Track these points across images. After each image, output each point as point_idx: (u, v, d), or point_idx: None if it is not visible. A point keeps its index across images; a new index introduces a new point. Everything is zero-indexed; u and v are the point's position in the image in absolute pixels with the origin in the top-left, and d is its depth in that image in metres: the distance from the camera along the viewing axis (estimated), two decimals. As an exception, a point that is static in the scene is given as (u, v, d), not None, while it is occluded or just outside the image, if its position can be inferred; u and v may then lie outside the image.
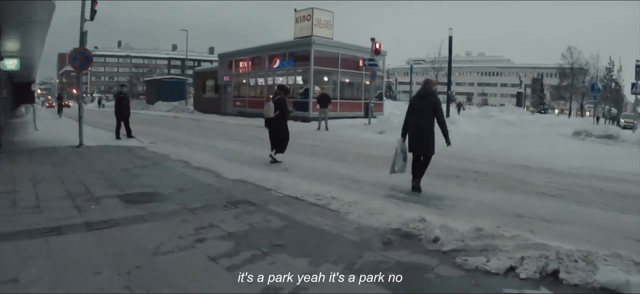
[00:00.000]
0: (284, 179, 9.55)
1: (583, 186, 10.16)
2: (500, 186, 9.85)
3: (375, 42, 26.89)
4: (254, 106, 36.60)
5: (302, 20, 33.61)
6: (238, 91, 40.79)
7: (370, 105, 27.30)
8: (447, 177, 10.61)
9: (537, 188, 9.72)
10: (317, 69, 31.74)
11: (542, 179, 10.84)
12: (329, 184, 9.34)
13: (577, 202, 8.49)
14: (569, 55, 77.99)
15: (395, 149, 9.30)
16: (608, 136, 25.04)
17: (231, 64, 41.23)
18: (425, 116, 8.93)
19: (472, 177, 10.82)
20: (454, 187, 9.54)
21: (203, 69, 55.60)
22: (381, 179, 10.06)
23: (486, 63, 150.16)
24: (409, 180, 9.19)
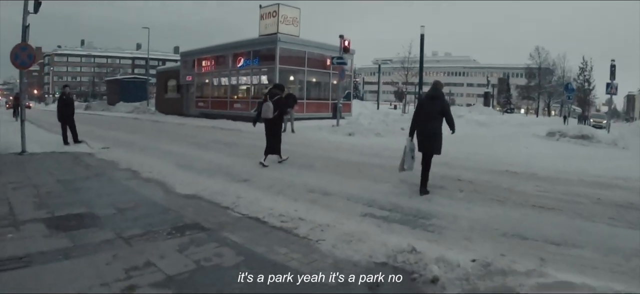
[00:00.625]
0: (243, 192, 8.35)
1: (577, 194, 9.44)
2: (490, 198, 8.88)
3: (344, 39, 25.62)
4: (217, 107, 35.52)
5: (267, 17, 32.29)
6: (201, 91, 39.27)
7: (339, 105, 26.07)
8: (431, 187, 9.46)
9: (530, 199, 8.85)
10: (283, 68, 30.51)
11: (532, 187, 10.07)
12: (295, 199, 8.17)
13: (580, 216, 7.66)
14: (537, 56, 78.88)
15: (404, 147, 9.61)
16: (583, 136, 24.79)
17: (194, 63, 39.62)
18: (435, 117, 9.12)
19: (457, 187, 9.85)
20: (440, 200, 8.47)
21: (165, 68, 53.68)
22: (355, 191, 8.98)
23: (452, 63, 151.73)
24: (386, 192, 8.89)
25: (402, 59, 54.02)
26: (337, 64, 25.81)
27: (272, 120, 12.25)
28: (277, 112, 12.23)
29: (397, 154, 15.20)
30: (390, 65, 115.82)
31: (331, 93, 33.27)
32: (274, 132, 12.43)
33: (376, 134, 21.68)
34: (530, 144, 21.10)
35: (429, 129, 9.14)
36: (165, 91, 45.97)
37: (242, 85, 34.39)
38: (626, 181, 11.22)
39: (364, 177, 10.62)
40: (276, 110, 12.18)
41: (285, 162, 12.61)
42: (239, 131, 24.02)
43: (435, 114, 9.09)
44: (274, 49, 30.16)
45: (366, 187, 9.22)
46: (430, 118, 9.11)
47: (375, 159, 13.96)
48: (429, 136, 9.15)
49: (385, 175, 10.97)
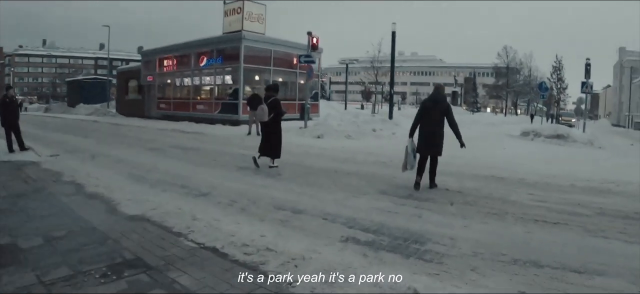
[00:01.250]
0: (201, 211, 7.11)
1: (576, 203, 8.76)
2: (486, 211, 7.94)
3: (312, 36, 24.39)
4: (180, 108, 34.04)
5: (231, 14, 30.89)
6: (163, 92, 37.48)
7: (307, 106, 24.87)
8: (418, 200, 8.61)
9: (528, 211, 8.02)
10: (248, 67, 29.23)
11: (525, 196, 9.30)
12: (261, 218, 6.98)
13: (588, 232, 6.87)
14: (505, 55, 79.40)
15: (406, 147, 9.97)
16: (558, 136, 24.57)
17: (155, 63, 37.81)
18: (438, 121, 9.66)
19: (446, 198, 8.88)
20: (430, 217, 7.44)
21: (126, 68, 51.66)
22: (331, 207, 7.86)
23: (419, 62, 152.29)
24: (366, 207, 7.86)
25: (372, 57, 53.17)
26: (305, 62, 24.59)
27: (269, 122, 12.04)
28: (273, 115, 12.02)
29: (371, 158, 14.66)
30: (357, 65, 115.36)
31: (298, 93, 32.17)
32: (272, 134, 12.19)
33: (347, 136, 20.69)
34: (506, 145, 20.73)
35: (433, 133, 9.67)
36: (126, 92, 44.02)
37: (206, 85, 32.83)
38: (618, 186, 10.90)
39: (339, 189, 9.51)
40: (271, 112, 11.98)
41: (249, 171, 11.48)
42: (202, 135, 22.73)
43: (439, 118, 9.66)
44: (239, 48, 28.74)
45: (343, 202, 8.15)
46: (434, 122, 9.65)
47: (349, 166, 12.92)
48: (434, 141, 9.71)
49: (362, 185, 9.95)
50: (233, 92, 29.34)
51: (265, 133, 12.35)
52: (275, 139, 12.19)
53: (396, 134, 22.26)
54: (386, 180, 10.78)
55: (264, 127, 12.33)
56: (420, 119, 9.88)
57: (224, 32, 31.29)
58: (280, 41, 31.25)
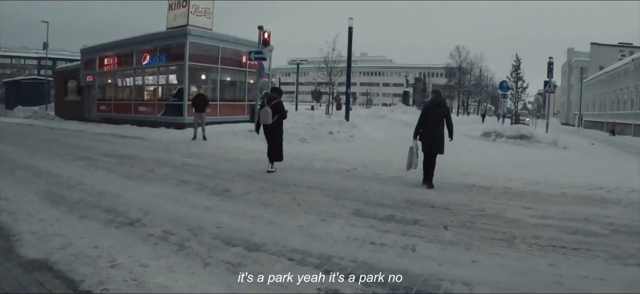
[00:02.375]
0: (123, 253, 5.32)
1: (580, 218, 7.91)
2: (489, 236, 6.58)
3: (264, 30, 22.48)
4: (121, 110, 31.22)
5: (176, 8, 28.34)
6: (103, 93, 34.49)
7: (257, 107, 23.02)
8: (403, 223, 7.14)
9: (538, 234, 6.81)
10: (194, 66, 26.82)
11: (523, 212, 8.18)
12: (204, 263, 5.18)
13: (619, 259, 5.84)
14: (457, 55, 79.55)
15: (410, 148, 10.77)
16: (521, 136, 24.33)
17: (95, 62, 34.73)
18: (439, 122, 10.51)
19: (437, 219, 7.42)
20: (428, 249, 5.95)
21: (65, 67, 48.25)
22: (296, 238, 6.16)
23: (369, 63, 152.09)
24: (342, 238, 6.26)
25: (325, 55, 51.61)
26: (255, 59, 22.72)
27: (272, 125, 11.87)
28: (276, 116, 11.90)
29: (332, 166, 13.10)
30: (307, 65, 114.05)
31: (247, 94, 30.06)
32: (276, 137, 12.09)
33: (301, 140, 19.12)
34: (471, 147, 20.02)
35: (436, 132, 10.47)
36: (66, 93, 40.93)
37: (149, 86, 30.42)
38: (608, 192, 10.76)
39: (302, 210, 7.78)
40: (275, 115, 11.85)
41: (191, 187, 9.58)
42: (142, 140, 20.44)
43: (440, 119, 10.56)
44: (184, 44, 26.35)
45: (311, 230, 6.51)
46: (436, 123, 10.51)
47: (308, 177, 11.29)
48: (436, 138, 10.47)
49: (330, 204, 8.27)
50: (177, 92, 27.06)
51: (269, 136, 12.15)
52: (279, 142, 12.19)
53: (354, 137, 20.86)
54: (356, 195, 9.20)
55: (268, 129, 12.04)
56: (423, 121, 10.67)
57: (168, 27, 28.72)
58: (229, 38, 29.04)
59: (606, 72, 64.03)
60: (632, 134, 46.09)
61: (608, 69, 63.82)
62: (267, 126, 11.96)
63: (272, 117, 11.83)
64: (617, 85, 56.15)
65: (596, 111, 69.01)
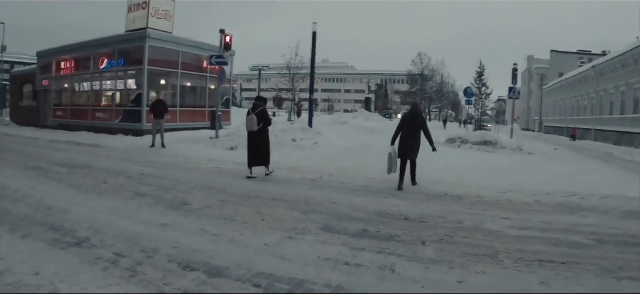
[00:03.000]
0: (67, 280, 4.70)
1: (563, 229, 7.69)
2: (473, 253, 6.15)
3: (226, 34, 21.76)
4: (78, 116, 29.78)
5: (136, 10, 27.21)
6: (60, 98, 32.95)
7: (218, 114, 22.27)
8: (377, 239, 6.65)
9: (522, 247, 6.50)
10: (153, 70, 25.75)
11: (503, 224, 7.89)
12: (159, 291, 4.59)
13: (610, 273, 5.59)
14: (420, 62, 79.97)
15: (389, 154, 11.51)
16: (486, 142, 24.37)
17: (52, 66, 33.13)
18: (416, 132, 11.54)
19: (413, 234, 6.97)
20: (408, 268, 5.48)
21: (20, 71, 46.14)
22: (262, 260, 5.55)
23: (330, 70, 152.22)
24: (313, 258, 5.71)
25: (288, 61, 50.98)
26: (217, 63, 22.00)
27: (258, 132, 12.31)
28: (262, 124, 12.35)
29: (297, 175, 12.59)
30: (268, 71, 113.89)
31: (208, 100, 29.32)
32: (262, 144, 12.49)
33: (261, 147, 18.51)
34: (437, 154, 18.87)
35: (412, 141, 11.53)
36: (21, 98, 39.21)
37: (107, 91, 29.15)
38: (582, 198, 10.64)
39: (267, 226, 7.19)
40: (260, 122, 12.31)
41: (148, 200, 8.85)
42: (98, 147, 19.33)
43: (417, 129, 11.61)
44: (143, 48, 25.28)
45: (278, 249, 5.93)
46: (413, 132, 11.54)
47: (272, 188, 10.66)
48: (412, 146, 11.58)
49: (297, 218, 7.72)
50: (136, 98, 26.03)
51: (252, 144, 12.48)
52: (266, 147, 12.60)
53: (318, 144, 20.37)
54: (325, 208, 8.65)
55: (252, 136, 12.41)
56: (401, 130, 11.66)
57: (127, 30, 27.56)
58: (190, 42, 28.11)
59: (567, 78, 65.68)
60: (593, 139, 47.34)
61: (568, 76, 65.49)
62: (252, 133, 12.34)
63: (257, 125, 12.25)
64: (578, 91, 57.61)
65: (557, 116, 70.79)
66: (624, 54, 41.81)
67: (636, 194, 11.36)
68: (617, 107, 43.05)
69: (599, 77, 49.20)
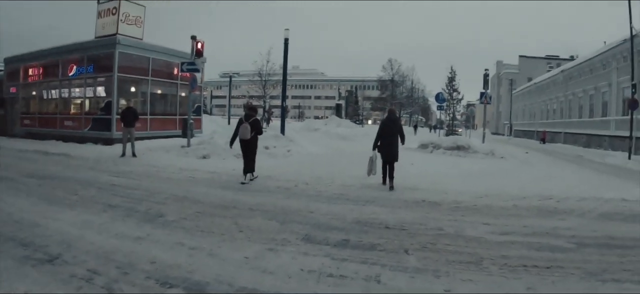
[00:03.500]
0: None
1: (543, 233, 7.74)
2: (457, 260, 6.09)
3: (197, 40, 21.40)
4: (46, 125, 28.78)
5: (106, 15, 26.45)
6: (27, 106, 31.81)
7: (190, 122, 21.92)
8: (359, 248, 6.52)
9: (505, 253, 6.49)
10: (123, 77, 25.07)
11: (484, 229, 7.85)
12: None
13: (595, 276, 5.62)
14: (390, 68, 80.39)
15: (370, 158, 12.86)
16: (458, 147, 24.74)
17: (19, 73, 31.88)
18: (394, 135, 12.64)
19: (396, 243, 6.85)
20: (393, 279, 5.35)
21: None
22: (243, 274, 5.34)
23: (301, 76, 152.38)
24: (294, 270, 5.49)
25: (259, 68, 50.66)
26: (188, 70, 21.67)
27: (249, 140, 12.96)
28: (254, 133, 13.02)
29: (272, 184, 12.46)
30: (239, 78, 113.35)
31: (179, 107, 28.80)
32: (250, 152, 13.11)
33: (236, 155, 18.18)
34: (411, 159, 19.73)
35: (391, 143, 12.57)
36: (-12, 106, 38.26)
37: (76, 98, 28.36)
38: (558, 202, 10.76)
39: (246, 237, 6.96)
40: (253, 131, 12.96)
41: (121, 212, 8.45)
42: (68, 157, 18.65)
43: (395, 133, 12.70)
44: (112, 54, 24.59)
45: (259, 262, 5.74)
46: (391, 136, 12.63)
47: (248, 197, 10.42)
48: (392, 148, 12.57)
49: (276, 229, 7.52)
50: (105, 105, 25.30)
51: (246, 151, 13.09)
52: (252, 156, 13.15)
53: (291, 152, 20.25)
54: (303, 217, 8.48)
55: (245, 144, 13.00)
56: (381, 134, 12.73)
57: (96, 36, 26.82)
58: (160, 48, 27.54)
59: (535, 83, 67.12)
60: (562, 141, 48.43)
61: (537, 80, 66.91)
62: (244, 141, 12.95)
63: (250, 133, 12.87)
64: (547, 95, 58.93)
65: (526, 120, 72.28)
66: (591, 59, 42.93)
67: (611, 196, 11.63)
68: (586, 110, 44.15)
69: (567, 81, 50.25)
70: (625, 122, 32.38)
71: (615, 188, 13.42)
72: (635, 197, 11.71)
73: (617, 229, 8.24)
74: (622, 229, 8.24)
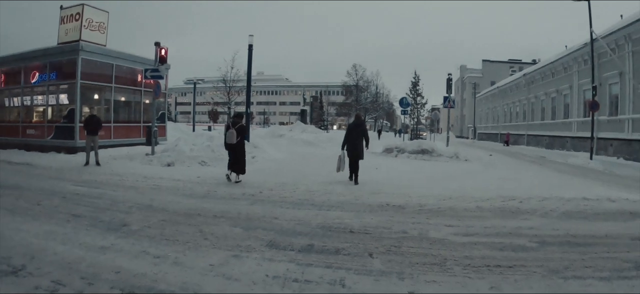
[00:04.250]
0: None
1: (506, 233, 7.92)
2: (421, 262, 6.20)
3: (161, 47, 21.24)
4: (8, 133, 27.59)
5: (69, 21, 25.83)
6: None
7: (154, 129, 21.73)
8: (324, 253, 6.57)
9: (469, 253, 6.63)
10: (86, 84, 24.42)
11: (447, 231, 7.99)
12: None
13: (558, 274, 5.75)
14: (354, 73, 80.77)
15: (339, 156, 15.09)
16: (422, 151, 25.15)
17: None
18: (359, 138, 14.66)
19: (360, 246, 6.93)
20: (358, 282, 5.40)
21: None
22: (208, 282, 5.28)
23: (266, 82, 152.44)
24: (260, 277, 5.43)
25: (224, 74, 50.46)
26: (151, 77, 21.46)
27: (236, 144, 14.34)
28: (239, 138, 14.40)
29: (237, 190, 12.36)
30: (203, 84, 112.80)
31: (143, 114, 28.39)
32: (239, 154, 14.47)
33: (201, 162, 18.23)
34: (376, 164, 20.26)
35: (357, 145, 14.58)
36: (-50, 115, 37.09)
37: (38, 106, 27.49)
38: (521, 202, 10.99)
39: (211, 244, 6.89)
40: (239, 136, 14.39)
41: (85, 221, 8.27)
42: (30, 166, 18.04)
43: (359, 136, 14.66)
44: (75, 61, 23.98)
45: (223, 269, 5.69)
46: (357, 138, 14.62)
47: (212, 204, 10.34)
48: (357, 148, 14.59)
49: (240, 235, 7.47)
50: (68, 113, 24.67)
51: (233, 153, 14.41)
52: (242, 158, 14.56)
53: (256, 158, 20.25)
54: (268, 223, 8.47)
55: (232, 148, 14.35)
56: (348, 136, 14.83)
57: (59, 42, 26.07)
58: (124, 55, 26.98)
59: (499, 86, 68.68)
60: (525, 143, 50.15)
61: (500, 84, 68.58)
62: (231, 145, 14.32)
63: (236, 138, 14.29)
64: (510, 98, 60.57)
65: (490, 123, 73.88)
66: (553, 62, 44.30)
67: (572, 195, 11.95)
68: (548, 112, 45.58)
69: (529, 84, 51.57)
70: (586, 123, 33.58)
71: (577, 188, 13.83)
72: (596, 196, 12.06)
73: (578, 227, 8.48)
74: (584, 228, 8.48)
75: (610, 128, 32.16)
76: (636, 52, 29.56)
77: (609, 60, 31.68)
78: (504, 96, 64.42)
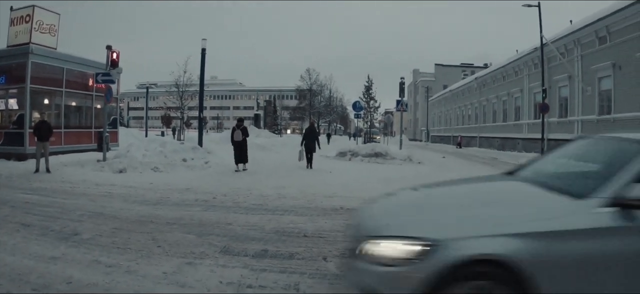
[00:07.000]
0: None
1: None
2: None
3: (112, 50, 20.85)
4: None
5: (19, 23, 24.73)
6: None
7: (105, 135, 21.32)
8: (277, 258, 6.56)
9: None
10: (36, 89, 23.64)
11: None
12: None
13: None
14: (308, 77, 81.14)
15: (299, 150, 21.50)
16: (376, 154, 25.52)
17: None
18: (312, 139, 21.07)
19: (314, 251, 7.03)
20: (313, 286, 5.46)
21: None
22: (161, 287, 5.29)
23: (219, 86, 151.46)
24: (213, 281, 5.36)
25: (177, 78, 50.05)
26: (103, 81, 21.04)
27: (241, 141, 19.20)
28: (243, 137, 19.22)
29: (190, 196, 12.28)
30: (156, 89, 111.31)
31: (94, 120, 27.57)
32: (244, 149, 19.31)
33: (154, 169, 17.98)
34: (329, 167, 20.97)
35: (311, 143, 21.02)
36: None
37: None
38: None
39: (164, 252, 6.83)
40: (243, 135, 19.20)
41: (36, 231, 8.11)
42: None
43: (313, 138, 21.19)
44: (25, 64, 23.10)
45: (177, 276, 5.65)
46: (311, 139, 21.11)
47: (166, 211, 10.19)
48: (311, 145, 21.00)
49: (194, 242, 7.43)
50: (18, 119, 23.78)
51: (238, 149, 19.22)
52: (246, 151, 19.38)
53: (209, 163, 20.11)
54: (221, 229, 8.45)
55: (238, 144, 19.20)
56: (305, 138, 21.34)
57: (8, 45, 25.05)
58: (75, 58, 26.31)
59: (451, 90, 70.13)
60: (478, 145, 51.35)
61: (453, 87, 69.99)
62: (237, 142, 19.19)
63: (241, 136, 19.19)
64: (462, 101, 61.98)
65: (443, 126, 75.43)
66: (504, 66, 45.77)
67: None
68: (500, 115, 46.89)
69: (481, 87, 52.78)
70: (537, 125, 34.80)
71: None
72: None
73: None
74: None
75: (560, 129, 33.39)
76: (585, 56, 30.97)
77: (559, 64, 33.05)
78: (456, 99, 65.75)
